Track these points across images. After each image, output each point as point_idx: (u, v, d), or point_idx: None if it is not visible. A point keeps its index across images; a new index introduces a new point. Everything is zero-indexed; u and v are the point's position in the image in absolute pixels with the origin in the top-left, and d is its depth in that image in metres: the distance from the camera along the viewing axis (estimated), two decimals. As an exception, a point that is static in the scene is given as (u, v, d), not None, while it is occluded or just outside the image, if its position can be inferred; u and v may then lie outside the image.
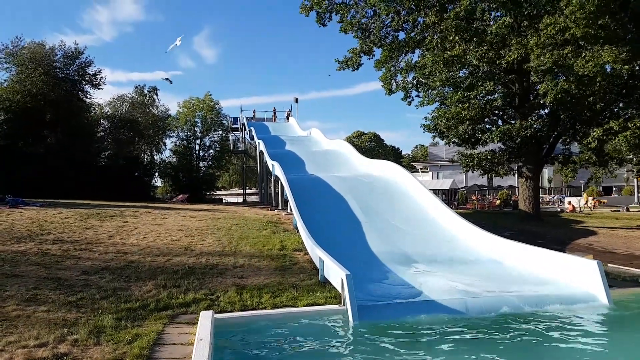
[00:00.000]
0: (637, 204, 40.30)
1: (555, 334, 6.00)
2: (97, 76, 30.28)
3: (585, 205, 33.26)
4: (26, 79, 26.35)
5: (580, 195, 43.10)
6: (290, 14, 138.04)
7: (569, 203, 34.60)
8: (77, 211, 14.67)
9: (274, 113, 39.76)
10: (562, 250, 11.63)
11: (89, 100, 31.40)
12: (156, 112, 38.80)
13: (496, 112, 22.87)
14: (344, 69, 22.48)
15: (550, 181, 50.23)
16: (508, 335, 5.96)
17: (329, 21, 21.69)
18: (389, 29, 21.28)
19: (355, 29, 21.39)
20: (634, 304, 7.60)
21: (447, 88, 21.44)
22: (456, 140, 22.26)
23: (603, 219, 24.77)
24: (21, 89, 25.82)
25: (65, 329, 5.56)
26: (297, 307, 6.89)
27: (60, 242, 10.24)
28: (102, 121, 35.23)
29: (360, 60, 22.02)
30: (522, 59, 17.91)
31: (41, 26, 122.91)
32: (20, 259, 8.70)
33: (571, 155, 24.05)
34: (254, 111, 40.30)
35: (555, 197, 44.27)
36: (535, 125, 19.68)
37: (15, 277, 7.54)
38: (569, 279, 7.94)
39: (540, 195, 31.03)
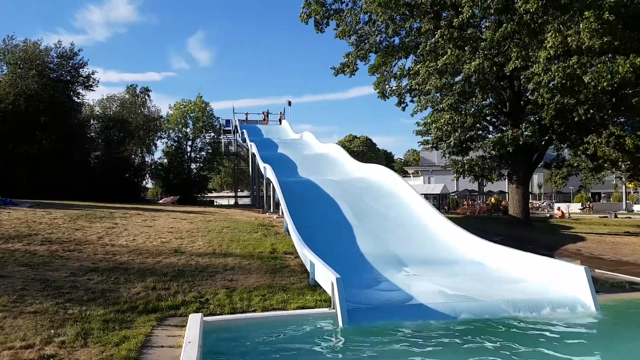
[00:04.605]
0: (625, 210, 40.77)
1: (542, 339, 6.04)
2: (91, 78, 30.04)
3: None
4: (18, 79, 26.06)
5: (570, 201, 43.54)
6: (284, 17, 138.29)
7: (558, 209, 34.92)
8: (66, 212, 14.54)
9: (266, 116, 39.73)
10: (551, 256, 11.72)
11: (80, 101, 31.15)
12: (147, 112, 38.58)
13: (488, 118, 23.09)
14: (340, 74, 22.51)
15: (540, 187, 50.66)
16: (495, 340, 5.99)
17: (326, 27, 21.76)
18: (384, 34, 21.40)
19: (350, 34, 21.47)
20: (620, 309, 7.69)
21: (439, 94, 21.59)
22: (449, 150, 22.41)
23: (592, 225, 25.02)
24: (14, 89, 25.54)
25: (52, 331, 5.51)
26: (287, 310, 6.88)
27: (48, 242, 10.14)
28: (92, 121, 34.93)
29: (356, 66, 22.10)
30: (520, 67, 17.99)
31: (34, 25, 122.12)
32: (8, 259, 8.60)
33: (564, 160, 24.36)
34: (246, 114, 40.27)
35: (544, 203, 44.67)
36: (526, 133, 19.85)
37: (2, 278, 7.46)
38: (556, 284, 8.00)
39: (530, 201, 31.30)
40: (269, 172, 18.07)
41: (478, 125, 22.58)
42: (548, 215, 35.09)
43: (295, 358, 5.50)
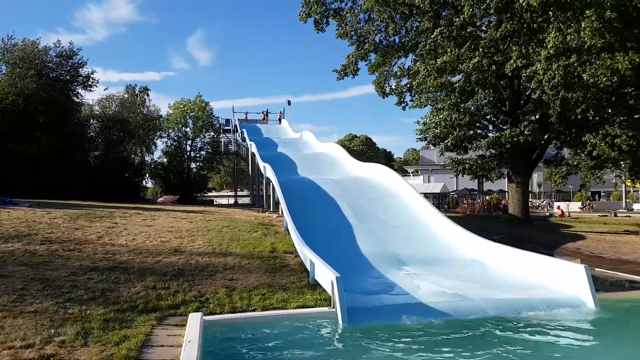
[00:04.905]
0: (625, 209, 40.79)
1: (542, 338, 6.05)
2: (90, 78, 30.00)
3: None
4: (17, 78, 26.04)
5: (570, 200, 43.52)
6: (284, 17, 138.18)
7: (558, 208, 34.93)
8: (66, 212, 14.54)
9: (265, 115, 39.72)
10: (551, 254, 11.72)
11: (79, 100, 31.12)
12: (146, 112, 38.57)
13: (487, 117, 23.09)
14: (343, 78, 22.46)
15: (540, 186, 50.68)
16: (495, 339, 6.00)
17: (326, 26, 21.71)
18: (384, 34, 21.36)
19: (351, 34, 21.43)
20: (620, 308, 7.69)
21: (439, 93, 21.58)
22: (448, 146, 22.43)
23: (591, 224, 25.04)
24: (13, 89, 25.51)
25: (52, 330, 5.51)
26: (287, 309, 6.88)
27: (48, 242, 10.14)
28: (92, 120, 34.91)
29: (357, 67, 22.06)
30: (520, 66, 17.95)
31: (33, 25, 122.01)
32: (8, 259, 8.60)
33: (564, 158, 24.36)
34: (246, 113, 40.29)
35: (544, 202, 44.69)
36: (525, 132, 19.84)
37: (2, 277, 7.46)
38: (556, 282, 8.00)
39: (530, 200, 31.33)
40: (268, 171, 18.07)
41: (478, 124, 22.60)
42: (548, 214, 35.10)
43: (295, 357, 5.50)
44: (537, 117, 21.56)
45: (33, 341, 5.14)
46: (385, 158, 72.08)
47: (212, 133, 40.87)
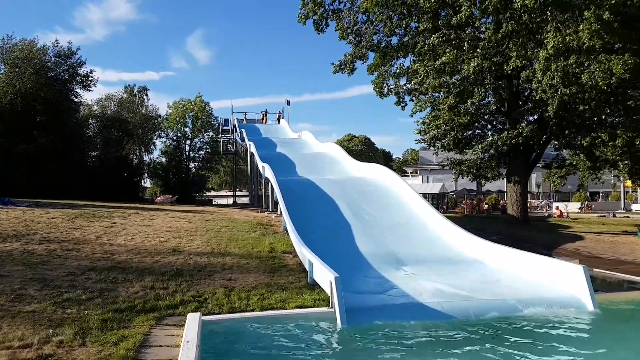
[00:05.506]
0: (623, 209, 40.86)
1: (540, 338, 6.05)
2: (89, 77, 29.94)
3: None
4: (15, 78, 25.99)
5: (568, 201, 43.56)
6: (284, 17, 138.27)
7: (557, 208, 34.97)
8: (65, 211, 14.52)
9: (264, 115, 39.66)
10: (549, 255, 11.73)
11: (78, 100, 31.09)
12: (145, 111, 38.53)
13: (486, 117, 23.13)
14: (338, 72, 22.47)
15: (538, 186, 50.74)
16: (494, 339, 6.00)
17: (326, 27, 21.70)
18: (382, 34, 21.38)
19: (349, 33, 21.44)
20: (618, 308, 7.70)
21: (437, 94, 21.61)
22: (444, 146, 22.48)
23: (590, 224, 25.06)
24: (11, 89, 25.48)
25: (50, 330, 5.50)
26: (286, 309, 6.87)
27: (46, 242, 10.12)
28: (91, 120, 34.88)
29: (354, 66, 22.06)
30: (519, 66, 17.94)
31: (33, 24, 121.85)
32: (6, 258, 8.58)
33: (565, 159, 24.41)
34: (245, 113, 40.20)
35: (543, 202, 44.73)
36: (524, 133, 19.86)
37: (0, 277, 7.44)
38: (555, 283, 8.01)
39: (529, 200, 31.36)
40: (267, 171, 18.05)
41: (476, 124, 22.64)
42: (546, 214, 35.14)
43: (293, 357, 5.49)
44: (536, 117, 21.59)
45: (31, 341, 5.13)
46: (384, 158, 72.17)
47: (211, 133, 40.85)
